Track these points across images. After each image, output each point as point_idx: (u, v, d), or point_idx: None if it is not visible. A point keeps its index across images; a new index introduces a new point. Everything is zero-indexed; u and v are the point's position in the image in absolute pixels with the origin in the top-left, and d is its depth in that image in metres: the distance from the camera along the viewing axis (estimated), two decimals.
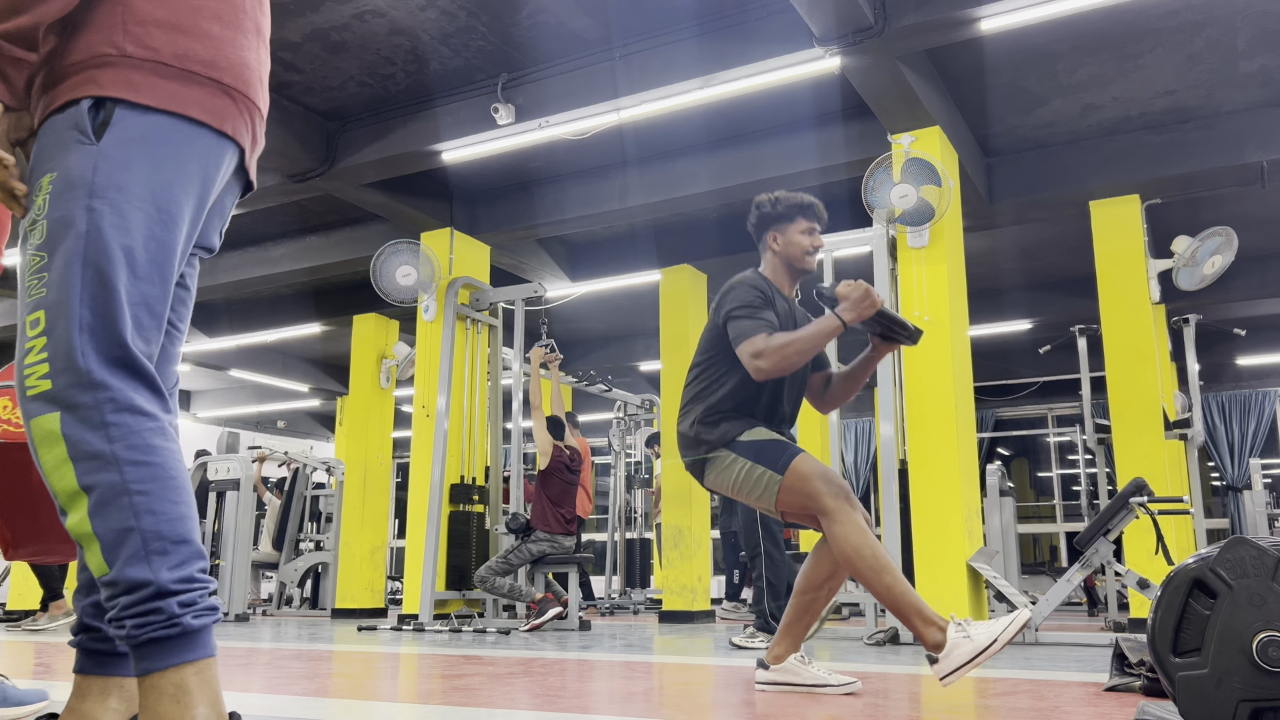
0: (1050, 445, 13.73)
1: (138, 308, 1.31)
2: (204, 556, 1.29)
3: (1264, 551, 1.69)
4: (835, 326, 2.76)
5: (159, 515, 1.24)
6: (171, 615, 1.23)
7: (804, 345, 2.74)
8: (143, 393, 1.29)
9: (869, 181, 5.90)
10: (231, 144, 1.44)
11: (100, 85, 1.33)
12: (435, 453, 7.28)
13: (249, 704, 2.52)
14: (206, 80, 1.39)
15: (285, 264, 8.92)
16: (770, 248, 3.07)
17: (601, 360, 12.06)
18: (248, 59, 1.45)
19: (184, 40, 1.37)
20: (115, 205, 1.30)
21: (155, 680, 1.23)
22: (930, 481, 5.61)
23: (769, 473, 2.76)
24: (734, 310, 2.87)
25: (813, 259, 3.05)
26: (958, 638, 2.52)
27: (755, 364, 2.77)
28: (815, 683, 2.80)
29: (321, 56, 6.00)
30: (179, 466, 1.29)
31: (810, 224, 3.04)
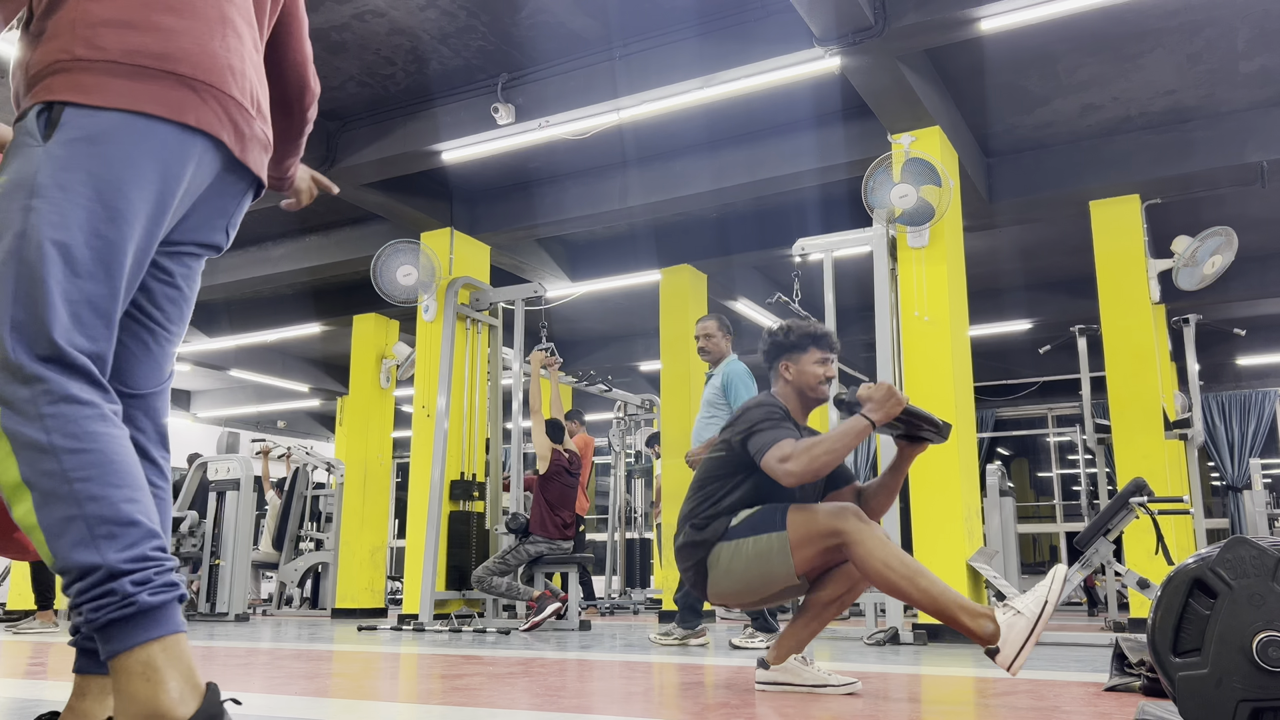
0: (1050, 445, 13.73)
1: (77, 305, 1.30)
2: (157, 535, 1.27)
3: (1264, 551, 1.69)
4: (864, 427, 2.66)
5: (102, 500, 1.24)
6: (126, 594, 1.22)
7: (832, 445, 2.63)
8: (79, 384, 1.28)
9: (869, 181, 5.90)
10: (200, 137, 1.41)
11: (52, 90, 1.34)
12: (435, 453, 7.29)
13: (249, 704, 2.52)
14: (160, 73, 1.37)
15: (285, 264, 8.92)
16: (783, 376, 3.00)
17: (601, 360, 12.06)
18: (211, 48, 1.43)
19: (133, 36, 1.36)
20: (55, 204, 1.30)
21: (122, 661, 1.22)
22: (930, 481, 5.61)
23: (774, 535, 2.67)
24: (756, 425, 2.79)
25: (826, 389, 2.97)
26: (1009, 618, 2.46)
27: (784, 468, 2.64)
28: (816, 683, 2.79)
29: (321, 56, 6.00)
30: (122, 451, 1.28)
31: (824, 354, 2.97)
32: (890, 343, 5.83)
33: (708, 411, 5.06)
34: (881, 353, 5.79)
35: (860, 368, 12.03)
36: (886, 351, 5.79)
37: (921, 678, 3.28)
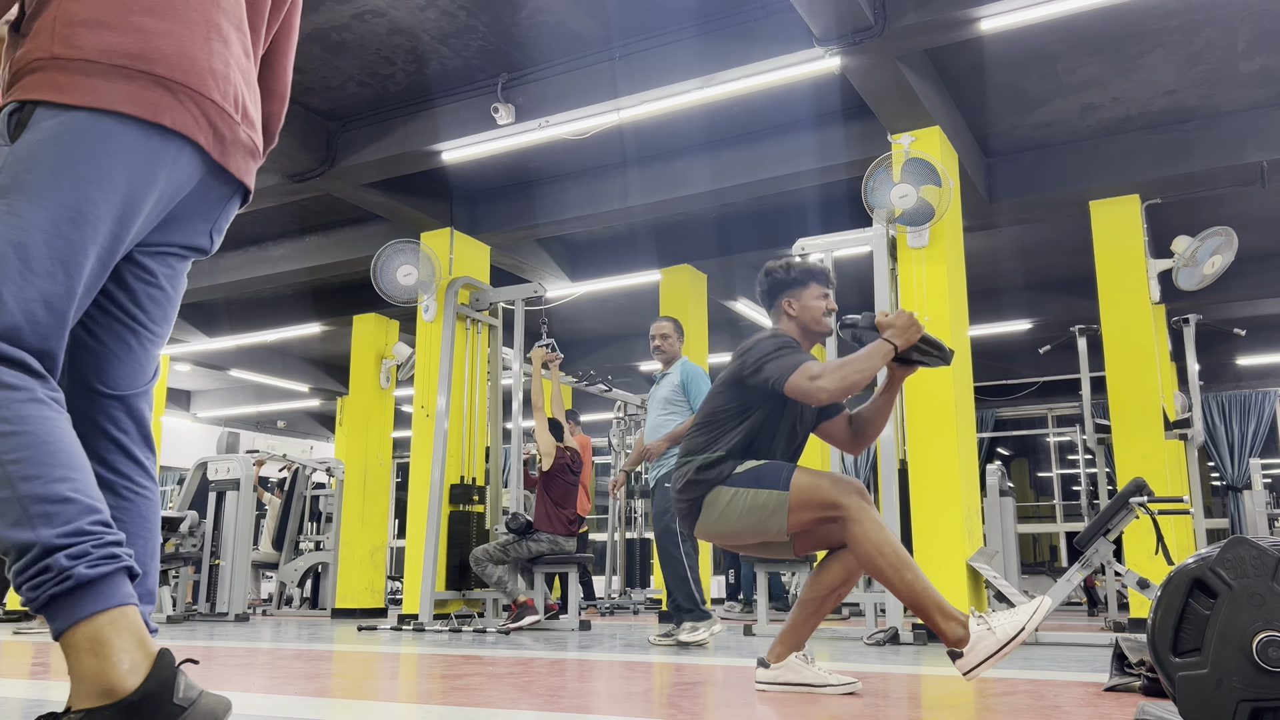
0: (1050, 445, 13.73)
1: (30, 303, 1.29)
2: (96, 510, 1.26)
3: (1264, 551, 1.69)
4: (888, 350, 2.71)
5: (35, 480, 1.23)
6: (61, 569, 1.20)
7: (861, 365, 2.67)
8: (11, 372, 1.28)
9: (869, 181, 5.90)
10: (177, 138, 1.40)
11: (26, 90, 1.33)
12: (435, 453, 7.28)
13: (249, 704, 2.52)
14: (135, 73, 1.35)
15: (285, 264, 8.92)
16: (786, 312, 3.02)
17: (601, 360, 12.06)
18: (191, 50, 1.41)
19: (110, 36, 1.35)
20: (13, 205, 1.29)
21: (69, 638, 1.21)
22: (930, 481, 5.61)
23: (773, 492, 2.69)
24: (770, 354, 2.79)
25: (830, 321, 3.01)
26: (981, 631, 2.50)
27: (817, 384, 2.65)
28: (816, 682, 2.79)
29: (321, 56, 6.00)
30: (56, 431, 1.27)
31: (824, 289, 3.02)
32: None
33: (665, 409, 5.17)
34: None
35: None
36: None
37: (921, 678, 3.28)
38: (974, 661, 2.49)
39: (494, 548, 6.61)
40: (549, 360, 7.24)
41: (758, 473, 2.75)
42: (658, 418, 5.22)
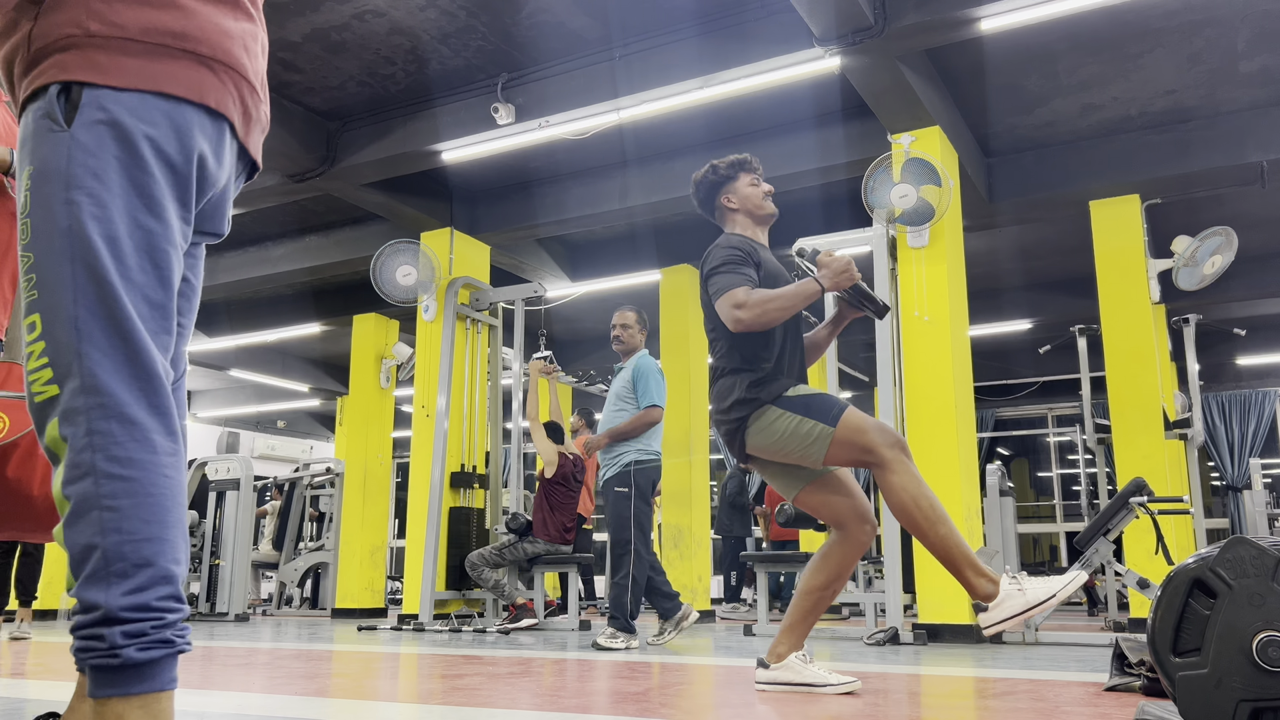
0: (1050, 445, 13.72)
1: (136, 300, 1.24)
2: (170, 581, 1.20)
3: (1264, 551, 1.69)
4: (814, 291, 2.81)
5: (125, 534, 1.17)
6: (113, 645, 1.16)
7: (785, 303, 2.79)
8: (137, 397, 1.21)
9: (869, 181, 5.90)
10: (217, 117, 1.35)
11: (65, 69, 1.25)
12: (435, 452, 7.28)
13: (249, 704, 2.52)
14: (179, 52, 1.30)
15: (285, 264, 8.92)
16: (727, 208, 3.14)
17: (601, 360, 12.06)
18: (227, 27, 1.36)
19: (150, 13, 1.29)
20: (94, 194, 1.23)
21: (99, 706, 1.18)
22: (930, 481, 5.61)
23: (820, 425, 2.73)
24: (715, 268, 2.92)
25: (770, 203, 3.12)
26: (1011, 589, 2.51)
27: (735, 314, 2.80)
28: (816, 682, 2.79)
29: (321, 56, 6.00)
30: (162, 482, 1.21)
31: (752, 175, 3.14)
32: (890, 343, 5.83)
33: (616, 404, 5.01)
34: (881, 353, 5.79)
35: (860, 367, 12.03)
36: (886, 351, 5.79)
37: (921, 678, 3.28)
38: (998, 617, 2.50)
39: (490, 552, 6.60)
40: (546, 371, 7.23)
41: (809, 401, 2.79)
42: (609, 413, 5.04)
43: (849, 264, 2.84)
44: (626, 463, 4.85)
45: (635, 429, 4.87)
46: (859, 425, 2.71)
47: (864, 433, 2.70)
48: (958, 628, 5.34)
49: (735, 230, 3.13)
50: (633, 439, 4.89)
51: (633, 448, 4.89)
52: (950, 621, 5.37)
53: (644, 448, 4.90)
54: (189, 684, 3.04)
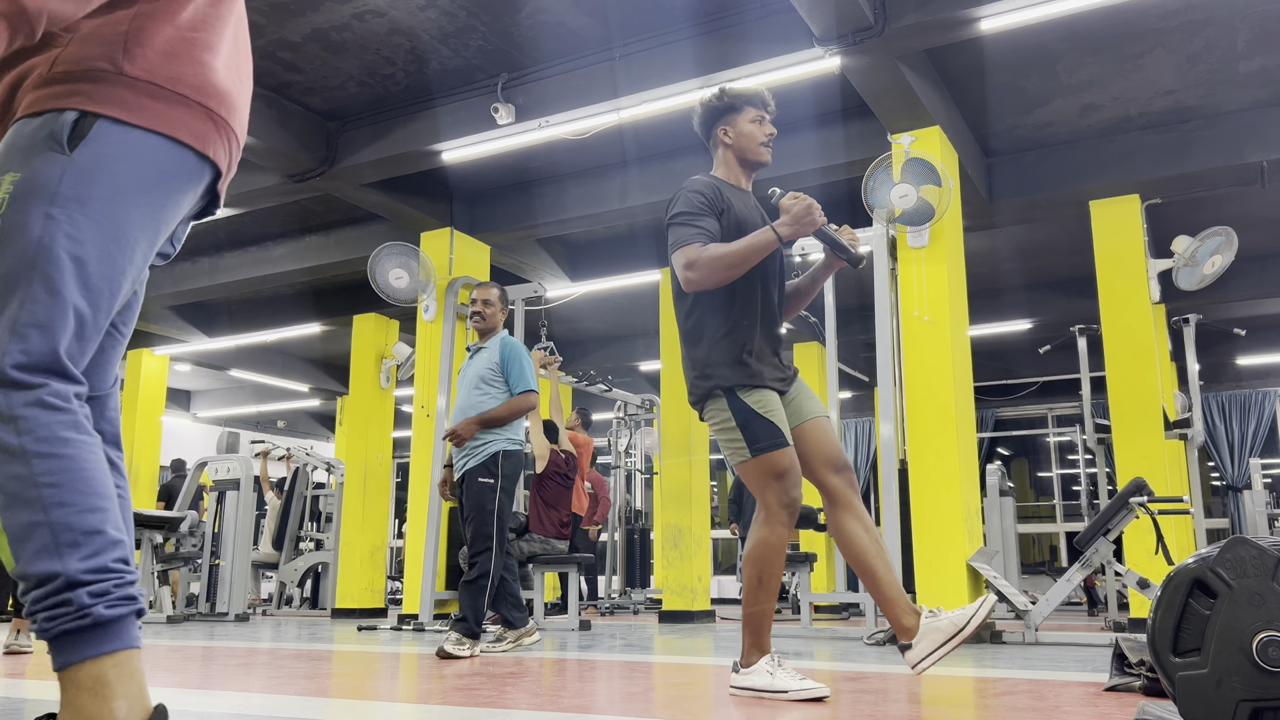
0: (1050, 445, 13.72)
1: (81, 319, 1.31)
2: (121, 545, 1.26)
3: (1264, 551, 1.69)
4: (770, 241, 2.71)
5: (69, 507, 1.23)
6: (82, 606, 1.21)
7: (738, 259, 2.69)
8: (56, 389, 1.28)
9: (869, 181, 5.90)
10: (210, 166, 1.47)
11: (91, 99, 1.33)
12: (435, 452, 7.28)
13: (249, 704, 2.52)
14: (195, 104, 1.42)
15: (285, 264, 8.92)
16: (722, 142, 2.97)
17: (601, 360, 12.06)
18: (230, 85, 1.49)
19: (178, 65, 1.40)
20: (73, 217, 1.31)
21: (73, 674, 1.21)
22: (930, 481, 5.61)
23: (745, 446, 2.74)
24: (674, 216, 2.80)
25: (767, 150, 2.96)
26: (762, 666, 2.68)
27: (686, 275, 2.71)
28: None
29: (321, 56, 6.00)
30: (92, 459, 1.28)
31: (759, 112, 2.95)
32: (890, 343, 5.83)
33: (480, 388, 4.54)
34: (881, 353, 5.79)
35: (860, 368, 12.03)
36: (886, 351, 5.80)
37: (921, 678, 3.28)
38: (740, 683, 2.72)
39: None
40: (547, 363, 7.23)
41: (750, 419, 2.75)
42: (470, 396, 4.55)
43: (810, 207, 2.71)
44: (494, 452, 4.42)
45: (509, 415, 4.47)
46: (769, 471, 2.71)
47: (767, 481, 2.72)
48: None
49: (717, 170, 2.99)
50: (500, 427, 4.47)
51: (501, 436, 4.46)
52: None
53: (512, 436, 4.51)
54: (189, 684, 3.05)
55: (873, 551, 2.79)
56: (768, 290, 2.91)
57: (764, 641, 2.76)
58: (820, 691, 2.63)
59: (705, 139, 3.05)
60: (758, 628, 2.74)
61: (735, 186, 2.97)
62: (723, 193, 2.88)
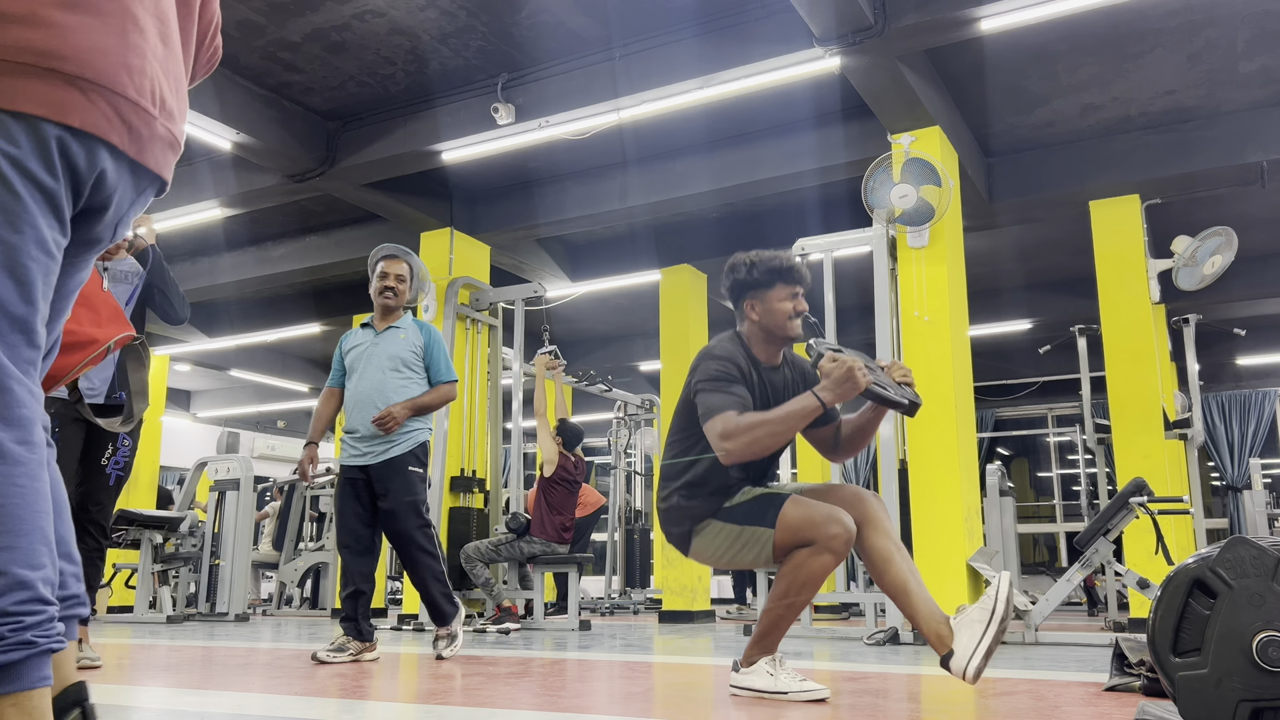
0: (1050, 445, 13.72)
1: None
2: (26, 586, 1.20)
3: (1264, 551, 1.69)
4: (813, 408, 2.57)
5: None
6: None
7: (777, 427, 2.56)
8: None
9: (869, 181, 5.90)
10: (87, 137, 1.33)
11: None
12: (435, 453, 7.28)
13: (249, 704, 2.52)
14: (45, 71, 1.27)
15: (285, 264, 8.92)
16: (748, 317, 2.83)
17: (601, 360, 12.06)
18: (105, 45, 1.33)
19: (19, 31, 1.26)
20: None
21: None
22: (930, 481, 5.61)
23: (761, 530, 2.65)
24: (701, 383, 2.69)
25: (796, 324, 2.81)
26: (763, 667, 2.68)
27: (723, 445, 2.58)
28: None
29: (321, 56, 6.00)
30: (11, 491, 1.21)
31: (791, 289, 2.79)
32: (890, 343, 5.83)
33: (403, 372, 4.19)
34: (882, 353, 5.79)
35: None
36: (886, 351, 5.79)
37: (921, 678, 3.28)
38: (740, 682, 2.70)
39: (486, 546, 6.62)
40: (552, 366, 7.23)
41: (747, 509, 2.69)
42: (389, 379, 4.16)
43: (851, 372, 2.52)
44: (422, 441, 4.20)
45: (439, 404, 4.23)
46: (799, 521, 2.60)
47: (803, 530, 2.59)
48: None
49: (744, 339, 2.85)
50: (425, 415, 4.22)
51: (425, 425, 4.23)
52: None
53: (432, 427, 4.31)
54: (189, 684, 3.05)
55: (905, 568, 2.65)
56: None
57: (772, 643, 2.72)
58: (821, 693, 2.62)
59: (733, 306, 2.90)
60: (771, 629, 2.68)
61: (756, 361, 2.84)
62: (748, 367, 2.78)
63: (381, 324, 4.28)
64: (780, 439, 2.59)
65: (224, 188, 7.33)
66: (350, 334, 4.37)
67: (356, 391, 4.17)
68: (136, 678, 3.25)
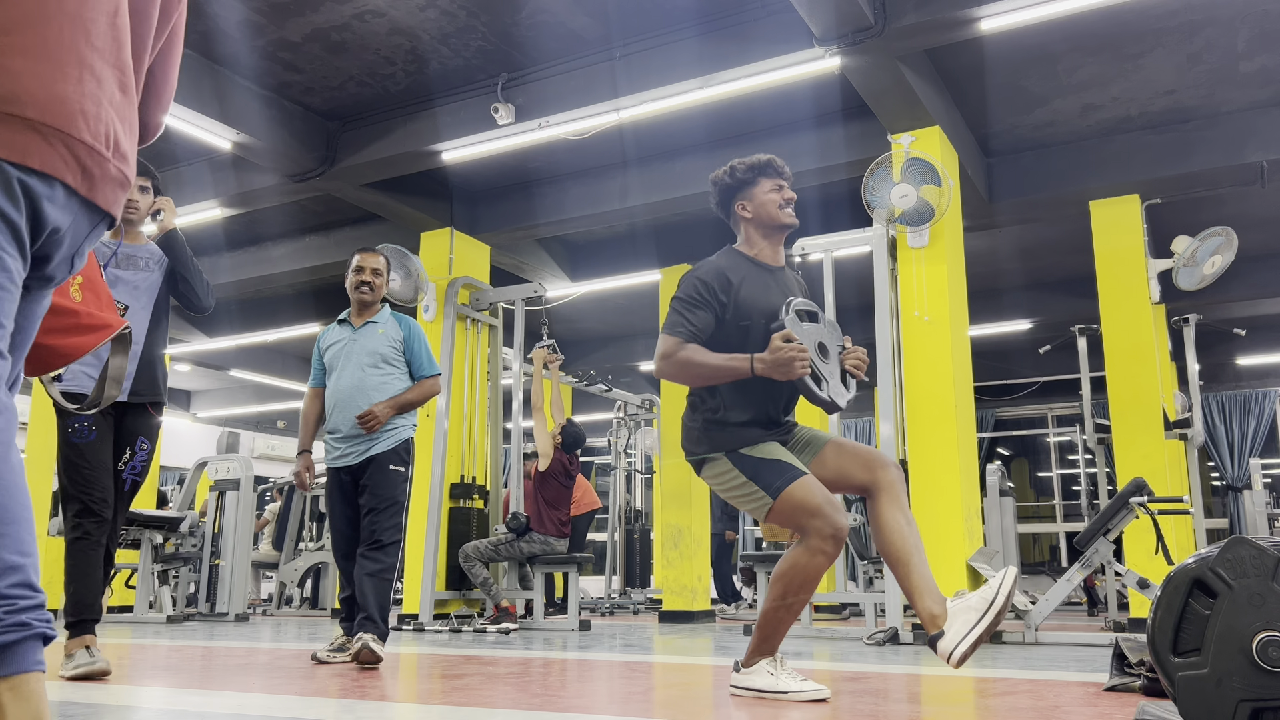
0: (1050, 445, 13.72)
1: None
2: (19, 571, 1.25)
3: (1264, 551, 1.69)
4: (743, 371, 2.67)
5: None
6: None
7: (708, 375, 2.71)
8: None
9: (869, 181, 5.90)
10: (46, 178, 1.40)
11: None
12: (435, 452, 7.28)
13: (249, 704, 2.52)
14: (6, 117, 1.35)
15: (285, 264, 8.92)
16: (742, 216, 2.92)
17: (601, 360, 12.06)
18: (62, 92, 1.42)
19: None
20: None
21: None
22: (930, 481, 5.61)
23: (762, 493, 2.68)
24: (674, 299, 2.81)
25: (789, 212, 2.89)
26: (763, 667, 2.71)
27: (658, 365, 2.76)
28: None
29: (321, 56, 6.00)
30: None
31: (775, 181, 2.90)
32: (890, 343, 5.83)
33: (383, 368, 4.06)
34: (881, 353, 5.79)
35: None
36: (886, 351, 5.79)
37: (921, 678, 3.28)
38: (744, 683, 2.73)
39: (485, 545, 6.61)
40: (549, 361, 7.23)
41: (758, 467, 2.71)
42: (369, 376, 4.03)
43: (791, 362, 2.61)
44: (406, 439, 4.08)
45: (422, 400, 4.11)
46: (798, 507, 2.63)
47: (803, 519, 2.63)
48: None
49: (742, 245, 2.93)
50: (409, 412, 4.11)
51: (408, 422, 4.12)
52: None
53: (414, 422, 4.18)
54: (189, 684, 3.05)
55: (912, 541, 2.67)
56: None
57: (772, 645, 2.74)
58: (821, 693, 2.63)
59: (726, 217, 2.99)
60: (772, 631, 2.70)
61: (757, 263, 2.89)
62: (731, 277, 2.80)
63: (359, 319, 4.16)
64: (704, 382, 2.75)
65: (224, 187, 7.34)
66: (327, 331, 4.26)
67: (337, 390, 4.06)
68: (136, 678, 3.25)
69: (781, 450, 2.77)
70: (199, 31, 5.71)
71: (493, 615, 6.57)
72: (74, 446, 3.47)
